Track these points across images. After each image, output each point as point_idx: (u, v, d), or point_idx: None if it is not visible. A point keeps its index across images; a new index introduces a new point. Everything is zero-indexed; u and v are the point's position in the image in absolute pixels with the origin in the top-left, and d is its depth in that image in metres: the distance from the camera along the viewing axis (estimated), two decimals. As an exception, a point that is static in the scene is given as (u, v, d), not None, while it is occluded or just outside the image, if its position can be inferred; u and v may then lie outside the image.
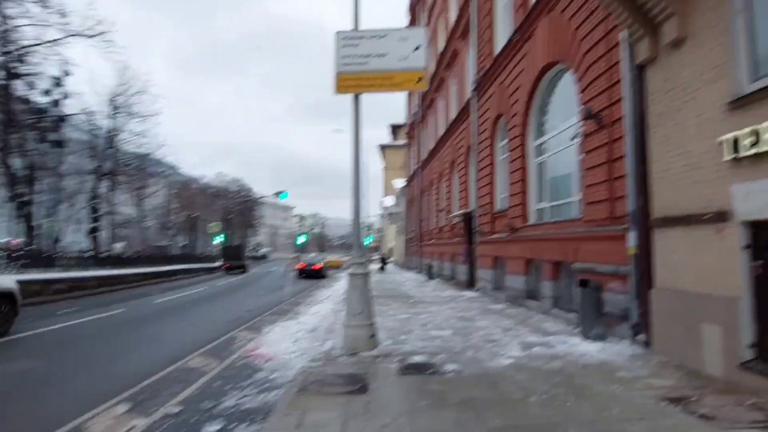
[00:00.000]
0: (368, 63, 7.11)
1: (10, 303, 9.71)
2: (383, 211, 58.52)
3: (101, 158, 27.64)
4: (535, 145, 11.69)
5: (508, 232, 12.47)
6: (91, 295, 18.03)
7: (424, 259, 28.22)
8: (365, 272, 7.11)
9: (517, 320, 9.62)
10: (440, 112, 24.27)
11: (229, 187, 75.90)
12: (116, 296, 17.82)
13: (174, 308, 14.12)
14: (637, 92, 6.81)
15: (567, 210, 9.94)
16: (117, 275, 20.88)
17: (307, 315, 11.61)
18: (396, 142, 55.85)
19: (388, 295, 15.64)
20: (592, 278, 7.60)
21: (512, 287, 12.30)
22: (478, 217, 15.61)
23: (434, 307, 12.19)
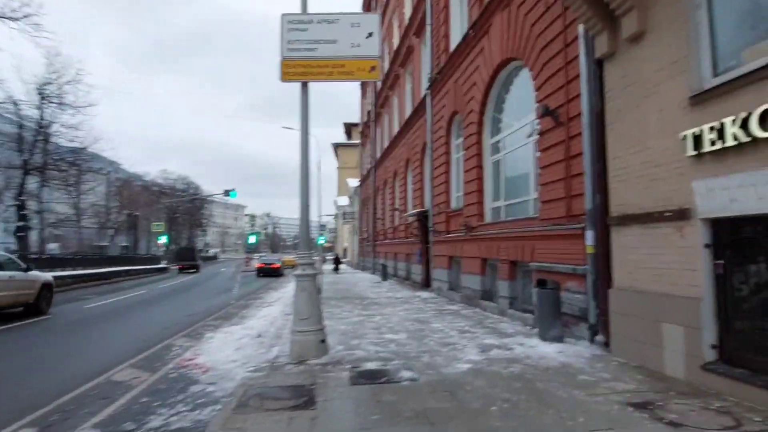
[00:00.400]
0: (317, 49, 6.62)
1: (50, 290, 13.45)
2: (337, 211, 57.84)
3: (30, 152, 25.44)
4: (491, 142, 11.54)
5: (464, 232, 12.27)
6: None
7: (379, 259, 27.87)
8: (313, 273, 6.61)
9: (473, 321, 9.38)
10: (395, 110, 23.99)
11: (175, 185, 72.93)
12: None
13: (108, 313, 13.05)
14: (595, 88, 6.67)
15: (523, 208, 9.81)
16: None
17: (254, 319, 10.95)
18: (350, 141, 55.40)
19: (341, 296, 15.15)
20: (549, 278, 7.43)
21: (468, 287, 12.11)
22: (434, 216, 15.39)
23: (389, 308, 11.81)
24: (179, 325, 10.64)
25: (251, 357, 6.75)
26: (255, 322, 10.29)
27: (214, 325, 10.59)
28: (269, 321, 10.13)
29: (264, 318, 10.70)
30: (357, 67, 6.65)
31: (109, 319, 12.03)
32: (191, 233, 78.70)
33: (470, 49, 12.03)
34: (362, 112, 38.17)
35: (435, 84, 15.23)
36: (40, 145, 26.39)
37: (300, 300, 6.51)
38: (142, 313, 13.22)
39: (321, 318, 6.68)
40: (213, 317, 11.95)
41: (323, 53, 6.61)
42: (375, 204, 29.62)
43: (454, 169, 14.33)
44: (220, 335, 8.85)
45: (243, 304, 14.77)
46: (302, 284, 6.53)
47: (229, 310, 13.31)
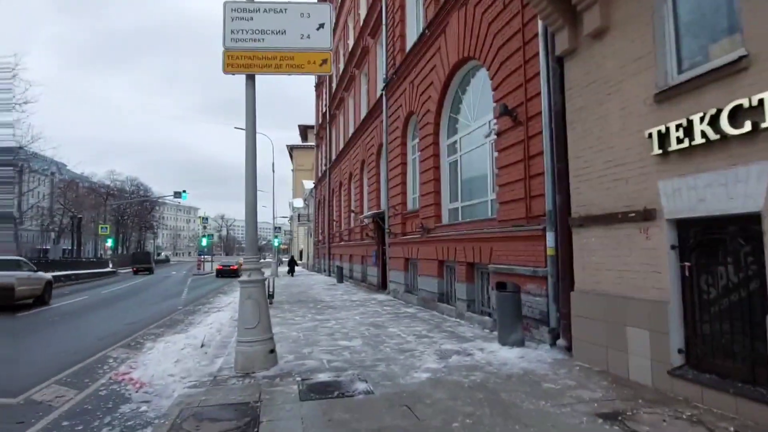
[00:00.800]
0: (264, 40, 6.12)
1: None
2: (293, 213, 56.72)
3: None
4: (448, 143, 11.33)
5: (421, 233, 12.00)
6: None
7: (335, 261, 27.32)
8: (261, 279, 6.09)
9: (431, 325, 9.08)
10: (350, 112, 23.56)
11: (124, 187, 69.59)
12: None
13: (38, 324, 11.90)
14: (556, 86, 6.50)
15: (482, 210, 9.61)
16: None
17: (200, 326, 10.24)
18: (305, 144, 54.51)
19: (295, 300, 14.56)
20: (509, 280, 7.21)
21: (425, 290, 11.83)
22: (390, 217, 15.06)
23: (343, 312, 11.37)
24: (117, 335, 9.77)
25: (192, 370, 6.16)
26: (201, 329, 9.59)
27: (156, 333, 9.81)
28: (216, 328, 9.47)
29: (211, 325, 10.01)
30: (307, 60, 6.19)
31: (38, 330, 10.95)
32: (141, 236, 75.36)
33: (426, 49, 11.79)
34: (317, 114, 37.50)
35: (391, 84, 14.93)
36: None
37: (246, 308, 5.98)
38: (78, 322, 12.13)
39: (269, 326, 6.17)
40: (156, 325, 11.10)
41: (270, 44, 6.12)
42: (330, 206, 29.05)
43: (411, 171, 14.06)
44: (161, 345, 8.13)
45: (190, 310, 13.92)
46: (248, 291, 6.00)
47: (175, 317, 12.46)
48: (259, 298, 6.04)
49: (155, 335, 9.59)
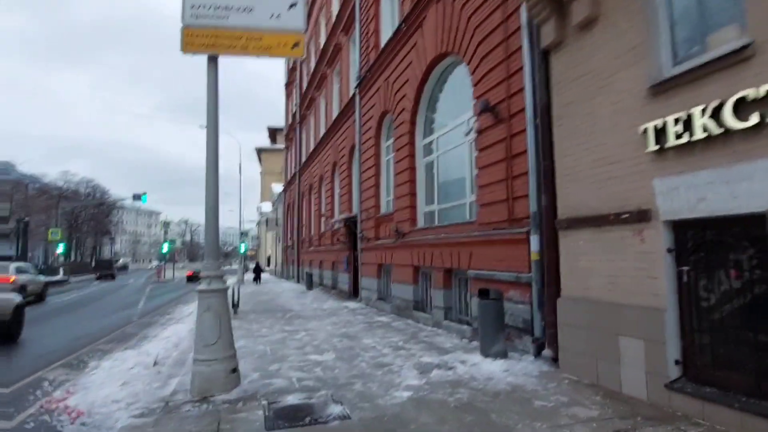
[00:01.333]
0: (228, 17, 5.53)
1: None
2: (260, 217, 55.47)
3: None
4: (424, 143, 10.92)
5: (395, 238, 11.54)
6: None
7: (304, 268, 26.57)
8: (222, 288, 5.48)
9: (407, 335, 8.60)
10: (321, 112, 22.97)
11: (78, 189, 66.55)
12: None
13: None
14: (541, 81, 6.15)
15: (460, 213, 9.22)
16: None
17: (155, 341, 9.46)
18: (274, 146, 53.47)
19: (262, 309, 13.85)
20: (490, 287, 6.80)
21: (399, 297, 11.35)
22: (362, 221, 14.55)
23: (314, 322, 10.77)
24: (58, 352, 8.88)
25: (141, 394, 5.47)
26: (155, 344, 8.83)
27: (104, 350, 8.99)
28: (173, 343, 8.73)
29: (168, 339, 9.25)
30: (277, 42, 5.64)
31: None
32: (97, 241, 72.26)
33: (402, 46, 11.38)
34: (287, 115, 36.69)
35: (364, 82, 14.46)
36: None
37: (204, 322, 5.35)
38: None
39: (232, 342, 5.55)
40: (105, 339, 10.23)
41: (236, 22, 5.53)
42: (300, 210, 28.30)
43: (384, 172, 13.61)
44: (108, 364, 7.35)
45: (146, 322, 13.03)
46: (207, 301, 5.37)
47: (128, 330, 11.59)
48: (220, 310, 5.42)
49: (103, 352, 8.77)
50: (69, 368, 7.51)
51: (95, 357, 8.23)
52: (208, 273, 5.47)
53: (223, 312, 5.43)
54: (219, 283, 5.47)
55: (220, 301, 5.42)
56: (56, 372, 7.25)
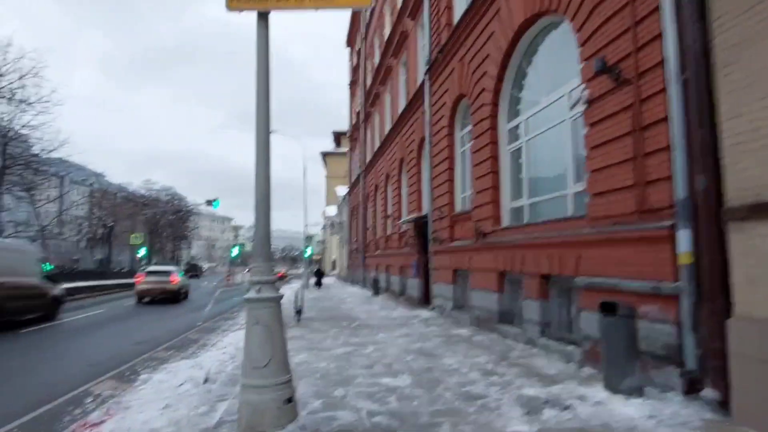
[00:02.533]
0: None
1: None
2: (326, 221, 55.47)
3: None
4: (508, 128, 9.40)
5: (474, 239, 10.07)
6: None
7: (370, 272, 25.56)
8: (274, 296, 4.32)
9: (495, 355, 7.12)
10: (386, 108, 21.88)
11: (158, 197, 70.02)
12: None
13: (31, 344, 10.52)
14: (692, 17, 4.52)
15: (557, 207, 7.62)
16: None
17: (212, 350, 8.61)
18: (339, 149, 53.36)
19: (327, 316, 12.82)
20: (612, 299, 5.19)
21: (480, 307, 9.85)
22: (434, 221, 13.18)
23: (383, 333, 9.52)
24: (115, 359, 8.24)
25: (182, 421, 4.46)
26: (211, 355, 7.94)
27: (161, 358, 8.24)
28: (230, 354, 7.79)
29: (225, 350, 8.34)
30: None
31: (25, 353, 9.47)
32: (175, 246, 75.70)
33: (480, 17, 9.92)
34: (351, 116, 36.06)
35: (435, 66, 13.12)
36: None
37: (253, 338, 4.21)
38: (78, 342, 10.69)
39: (286, 364, 4.37)
40: (165, 346, 9.54)
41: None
42: (365, 212, 27.38)
43: (459, 165, 12.17)
44: (158, 377, 6.49)
45: (209, 327, 12.38)
46: (257, 313, 4.23)
47: (190, 336, 10.90)
48: (272, 324, 4.26)
49: (159, 361, 8.00)
50: (118, 380, 6.72)
51: (149, 367, 7.45)
52: (258, 278, 4.33)
53: (275, 327, 4.26)
54: (271, 290, 4.31)
55: (272, 313, 4.26)
56: (103, 385, 6.46)
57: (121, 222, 61.15)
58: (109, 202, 66.18)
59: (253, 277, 4.35)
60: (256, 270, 4.37)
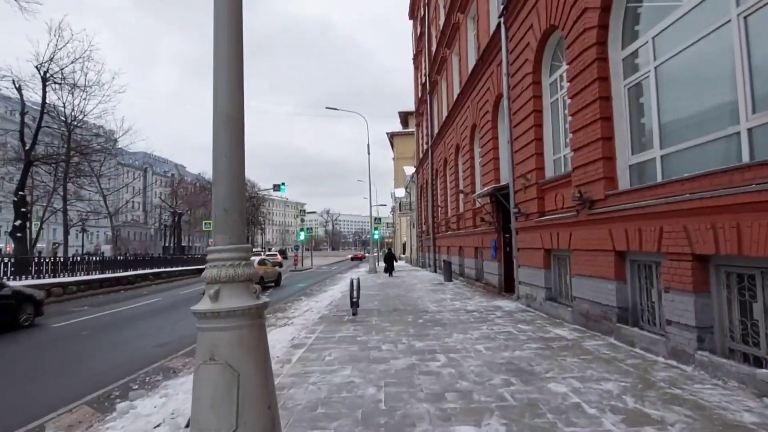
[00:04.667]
0: None
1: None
2: (394, 203, 53.71)
3: (33, 139, 22.48)
4: (624, 57, 6.80)
5: (576, 209, 7.60)
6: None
7: (440, 255, 23.36)
8: (253, 306, 2.31)
9: (631, 377, 4.75)
10: (454, 71, 19.35)
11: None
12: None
13: (56, 340, 9.41)
14: None
15: (716, 154, 5.03)
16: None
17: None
18: (406, 130, 51.20)
19: (390, 307, 10.85)
20: None
21: (587, 299, 7.40)
22: (516, 192, 10.73)
23: (457, 333, 7.39)
24: (117, 370, 6.75)
25: None
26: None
27: (170, 369, 6.74)
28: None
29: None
30: None
31: (37, 354, 8.33)
32: (249, 231, 77.52)
33: None
34: (416, 89, 33.64)
35: (511, 6, 10.54)
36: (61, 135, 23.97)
37: (203, 388, 2.25)
38: (97, 342, 9.25)
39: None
40: (185, 351, 7.91)
41: None
42: (434, 189, 25.08)
43: (549, 119, 9.61)
44: (141, 406, 4.80)
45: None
46: (212, 341, 2.26)
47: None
48: (241, 362, 2.27)
49: (165, 374, 6.49)
50: (95, 407, 5.12)
51: (146, 386, 5.90)
52: (216, 271, 2.34)
53: (249, 367, 2.27)
54: (240, 294, 2.31)
55: (241, 341, 2.27)
56: (73, 415, 4.87)
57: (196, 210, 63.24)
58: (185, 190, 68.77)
59: (208, 269, 2.36)
60: (216, 257, 2.38)
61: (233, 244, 2.37)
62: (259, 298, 2.39)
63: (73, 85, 23.32)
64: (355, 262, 53.72)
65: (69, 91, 23.63)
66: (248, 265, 2.39)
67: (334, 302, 12.52)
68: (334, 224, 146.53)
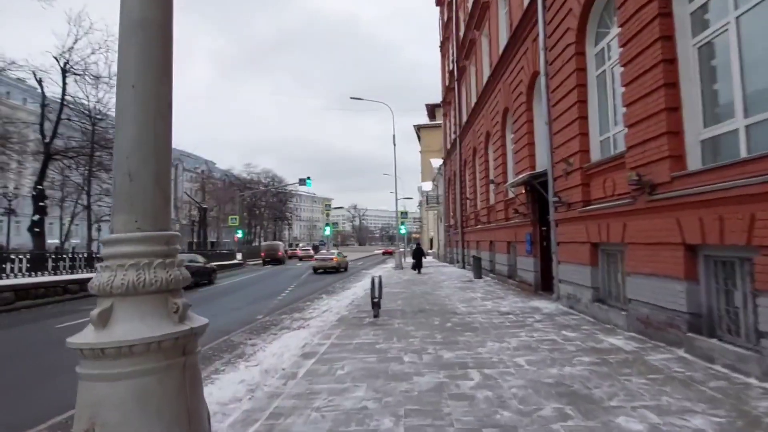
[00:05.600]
0: None
1: None
2: (421, 197, 52.57)
3: (53, 132, 22.31)
4: (693, 10, 5.64)
5: (631, 196, 6.48)
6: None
7: (469, 250, 22.23)
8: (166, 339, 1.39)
9: (723, 408, 3.66)
10: (484, 54, 18.14)
11: (259, 179, 71.72)
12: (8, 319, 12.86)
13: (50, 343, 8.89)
14: None
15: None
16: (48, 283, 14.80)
17: (246, 368, 6.06)
18: (433, 122, 49.98)
19: (415, 308, 9.90)
20: None
21: (646, 302, 6.27)
22: (556, 179, 9.59)
23: (492, 341, 6.38)
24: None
25: None
26: (237, 378, 5.36)
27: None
28: (253, 384, 5.17)
29: (255, 369, 5.76)
30: None
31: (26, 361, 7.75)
32: (276, 227, 77.54)
33: None
34: (443, 76, 32.41)
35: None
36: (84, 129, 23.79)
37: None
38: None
39: None
40: (206, 347, 7.21)
41: None
42: (462, 181, 23.91)
43: (595, 94, 8.45)
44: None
45: (270, 322, 10.04)
46: (98, 398, 1.34)
47: (233, 339, 8.60)
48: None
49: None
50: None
51: None
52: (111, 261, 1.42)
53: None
54: (146, 314, 1.39)
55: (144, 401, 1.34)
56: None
57: (225, 205, 63.48)
58: (214, 186, 69.15)
59: (97, 273, 1.45)
60: (112, 252, 1.46)
61: (143, 230, 1.47)
62: (184, 320, 1.48)
63: (96, 77, 23.04)
64: (384, 257, 55.21)
65: (93, 84, 23.44)
66: (169, 265, 1.49)
67: (356, 301, 11.64)
68: (361, 219, 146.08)
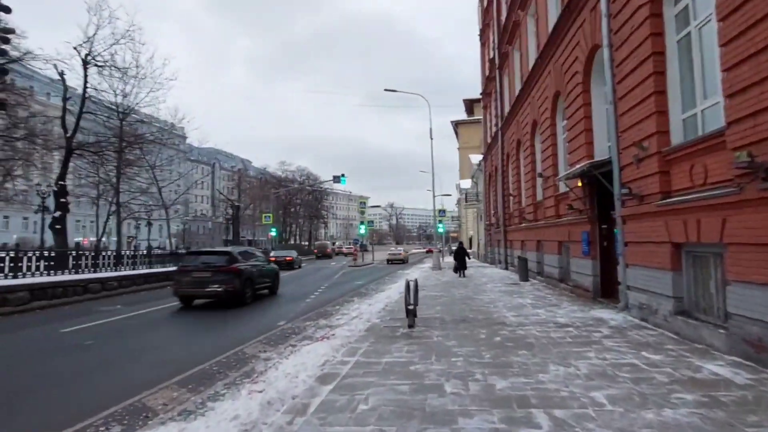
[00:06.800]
0: None
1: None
2: (460, 195, 50.98)
3: (75, 126, 21.93)
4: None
5: (740, 181, 5.06)
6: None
7: (513, 250, 20.74)
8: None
9: None
10: (530, 36, 16.65)
11: (294, 177, 71.76)
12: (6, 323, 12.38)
13: (57, 350, 8.15)
14: None
15: None
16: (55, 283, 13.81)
17: (247, 395, 5.02)
18: (471, 118, 48.37)
19: (456, 316, 8.68)
20: None
21: (759, 319, 4.85)
22: (624, 168, 8.16)
23: (555, 363, 5.12)
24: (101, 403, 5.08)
25: None
26: (228, 414, 4.33)
27: (175, 398, 4.89)
28: (274, 401, 4.11)
29: (280, 384, 4.72)
30: None
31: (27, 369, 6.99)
32: (311, 225, 77.44)
33: None
34: (483, 66, 30.85)
35: None
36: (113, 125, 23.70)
37: None
38: (107, 354, 8.03)
39: None
40: (191, 374, 6.19)
41: None
42: (505, 176, 22.39)
43: (675, 65, 6.99)
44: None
45: (291, 330, 9.03)
46: None
47: (247, 351, 7.63)
48: None
49: (175, 403, 4.67)
50: None
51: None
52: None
53: None
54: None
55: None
56: None
57: (259, 203, 63.74)
58: (249, 184, 69.67)
59: None
60: None
61: None
62: None
63: (123, 71, 22.82)
64: (427, 255, 56.90)
65: (120, 78, 23.27)
66: None
67: (390, 306, 10.52)
68: (398, 218, 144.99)
